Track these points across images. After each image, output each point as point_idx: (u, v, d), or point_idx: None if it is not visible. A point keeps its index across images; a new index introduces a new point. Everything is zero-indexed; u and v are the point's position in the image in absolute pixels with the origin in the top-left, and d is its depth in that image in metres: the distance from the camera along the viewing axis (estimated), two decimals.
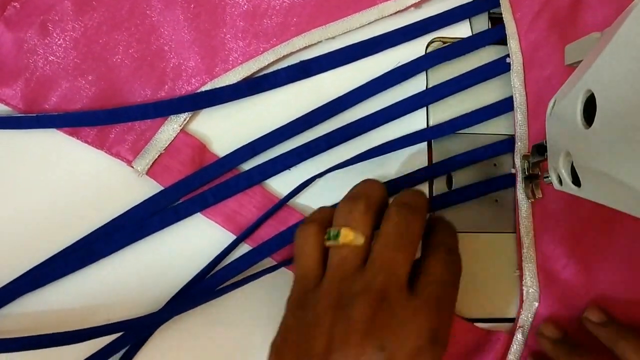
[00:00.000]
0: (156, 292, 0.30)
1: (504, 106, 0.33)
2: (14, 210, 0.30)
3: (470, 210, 0.32)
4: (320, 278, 0.24)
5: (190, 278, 0.30)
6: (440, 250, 0.25)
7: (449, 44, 0.33)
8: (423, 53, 0.34)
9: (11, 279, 0.29)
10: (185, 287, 0.30)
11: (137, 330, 0.29)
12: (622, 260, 0.29)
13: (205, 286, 0.30)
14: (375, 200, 0.25)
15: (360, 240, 0.24)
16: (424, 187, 0.33)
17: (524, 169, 0.31)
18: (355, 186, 0.26)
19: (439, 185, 0.33)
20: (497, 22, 0.34)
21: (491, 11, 0.34)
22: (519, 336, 0.30)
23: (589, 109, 0.21)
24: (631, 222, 0.29)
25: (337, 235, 0.24)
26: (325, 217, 0.26)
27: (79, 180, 0.31)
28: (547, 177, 0.27)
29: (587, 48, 0.23)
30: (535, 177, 0.31)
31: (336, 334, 0.22)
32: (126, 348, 0.29)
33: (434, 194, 0.33)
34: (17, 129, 0.30)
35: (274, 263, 0.31)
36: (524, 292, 0.31)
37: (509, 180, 0.32)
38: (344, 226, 0.24)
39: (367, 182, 0.26)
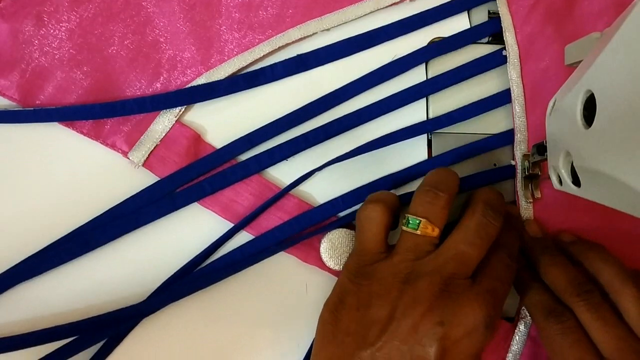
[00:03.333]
0: (153, 281, 0.30)
1: (502, 99, 0.33)
2: (10, 201, 0.30)
3: None
4: (383, 254, 0.27)
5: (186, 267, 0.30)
6: (503, 252, 0.27)
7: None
8: (418, 47, 0.33)
9: (7, 268, 0.29)
10: (176, 277, 0.30)
11: (121, 322, 0.29)
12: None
13: (201, 274, 0.30)
14: (454, 194, 0.27)
15: (436, 233, 0.26)
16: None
17: (524, 168, 0.31)
18: (436, 174, 0.28)
19: None
20: (496, 35, 0.34)
21: (490, 10, 0.34)
22: (521, 327, 0.30)
23: (589, 109, 0.21)
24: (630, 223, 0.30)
25: (416, 225, 0.26)
26: (391, 200, 0.28)
27: (75, 171, 0.31)
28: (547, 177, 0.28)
29: (587, 48, 0.23)
30: (534, 177, 0.31)
31: (400, 305, 0.25)
32: (104, 340, 0.30)
33: None
34: (14, 122, 0.30)
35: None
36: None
37: (509, 172, 0.32)
38: (423, 217, 0.26)
39: (448, 173, 0.28)
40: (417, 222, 0.26)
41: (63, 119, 0.30)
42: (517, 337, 0.30)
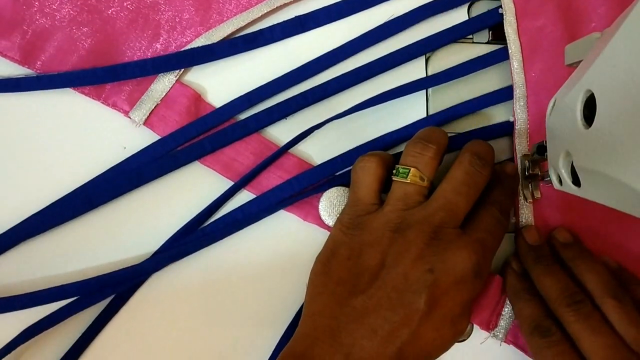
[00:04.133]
0: (154, 240, 0.31)
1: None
2: (11, 161, 0.31)
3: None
4: (376, 206, 0.27)
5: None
6: (494, 207, 0.27)
7: None
8: (415, 6, 0.34)
9: (11, 226, 0.30)
10: (179, 235, 0.31)
11: (125, 282, 0.29)
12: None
13: (204, 233, 0.30)
14: (443, 148, 0.28)
15: (425, 182, 0.27)
16: None
17: (524, 168, 0.31)
18: (425, 130, 0.28)
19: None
20: (497, 32, 0.34)
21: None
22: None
23: (589, 109, 0.21)
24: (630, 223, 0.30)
25: (406, 174, 0.26)
26: (386, 156, 0.29)
27: (77, 130, 0.31)
28: (548, 178, 0.28)
29: (587, 48, 0.23)
30: (534, 177, 0.31)
31: (391, 252, 0.25)
32: (110, 299, 0.30)
33: None
34: (16, 91, 0.31)
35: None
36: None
37: (506, 128, 0.32)
38: (412, 166, 0.27)
39: (436, 129, 0.28)
40: (407, 171, 0.27)
41: (65, 85, 0.31)
42: None
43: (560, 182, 0.25)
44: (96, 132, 0.31)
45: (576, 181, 0.23)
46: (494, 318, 0.30)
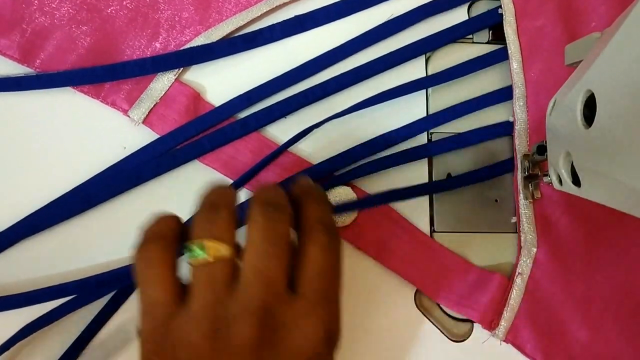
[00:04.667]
0: None
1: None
2: (11, 159, 0.31)
3: (471, 211, 0.32)
4: (177, 305, 0.20)
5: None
6: (316, 230, 0.22)
7: None
8: (415, 6, 0.34)
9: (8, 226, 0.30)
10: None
11: (124, 280, 0.29)
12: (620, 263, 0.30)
13: None
14: (234, 206, 0.22)
15: (228, 251, 0.20)
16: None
17: (524, 168, 0.31)
18: (206, 195, 0.23)
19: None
20: (497, 32, 0.34)
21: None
22: (518, 281, 0.30)
23: (589, 109, 0.21)
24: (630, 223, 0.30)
25: (202, 251, 0.20)
26: (167, 231, 0.22)
27: (75, 129, 0.31)
28: (547, 176, 0.28)
29: (587, 48, 0.23)
30: (534, 177, 0.31)
31: None
32: (113, 293, 0.30)
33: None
34: (16, 90, 0.31)
35: None
36: (522, 238, 0.31)
37: (507, 128, 0.33)
38: (206, 238, 0.20)
39: (219, 188, 0.23)
40: (201, 246, 0.20)
41: (65, 84, 0.31)
42: (514, 292, 0.31)
43: (560, 182, 0.25)
44: (95, 131, 0.31)
45: (576, 181, 0.23)
46: (496, 317, 0.30)
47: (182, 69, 0.31)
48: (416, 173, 0.33)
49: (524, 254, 0.31)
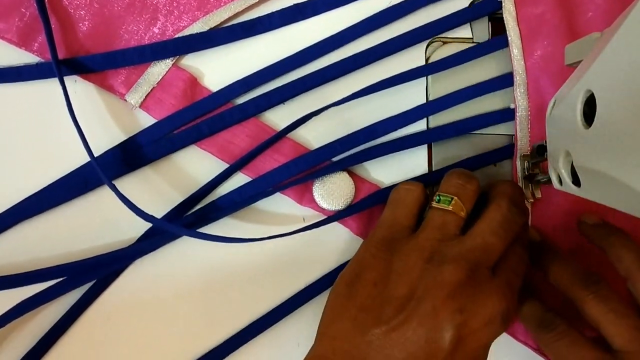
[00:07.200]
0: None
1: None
2: (10, 143, 0.31)
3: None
4: (411, 230, 0.27)
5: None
6: (517, 244, 0.27)
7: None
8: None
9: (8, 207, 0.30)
10: (171, 217, 0.30)
11: (113, 264, 0.29)
12: None
13: (199, 215, 0.30)
14: (479, 187, 0.28)
15: (464, 214, 0.26)
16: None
17: (524, 168, 0.31)
18: (460, 169, 0.28)
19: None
20: (497, 24, 0.33)
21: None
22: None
23: (589, 108, 0.21)
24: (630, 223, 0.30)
25: (448, 202, 0.26)
26: (424, 190, 0.29)
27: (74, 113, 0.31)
28: (544, 178, 0.28)
29: (587, 48, 0.23)
30: (534, 177, 0.31)
31: (421, 285, 0.24)
32: (94, 282, 0.30)
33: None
34: (16, 81, 0.31)
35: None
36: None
37: (507, 115, 0.32)
38: (455, 195, 0.26)
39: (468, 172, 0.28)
40: (449, 199, 0.26)
41: (65, 73, 0.30)
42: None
43: (560, 182, 0.25)
44: (92, 116, 0.31)
45: (576, 181, 0.23)
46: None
47: None
48: (415, 161, 0.32)
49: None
